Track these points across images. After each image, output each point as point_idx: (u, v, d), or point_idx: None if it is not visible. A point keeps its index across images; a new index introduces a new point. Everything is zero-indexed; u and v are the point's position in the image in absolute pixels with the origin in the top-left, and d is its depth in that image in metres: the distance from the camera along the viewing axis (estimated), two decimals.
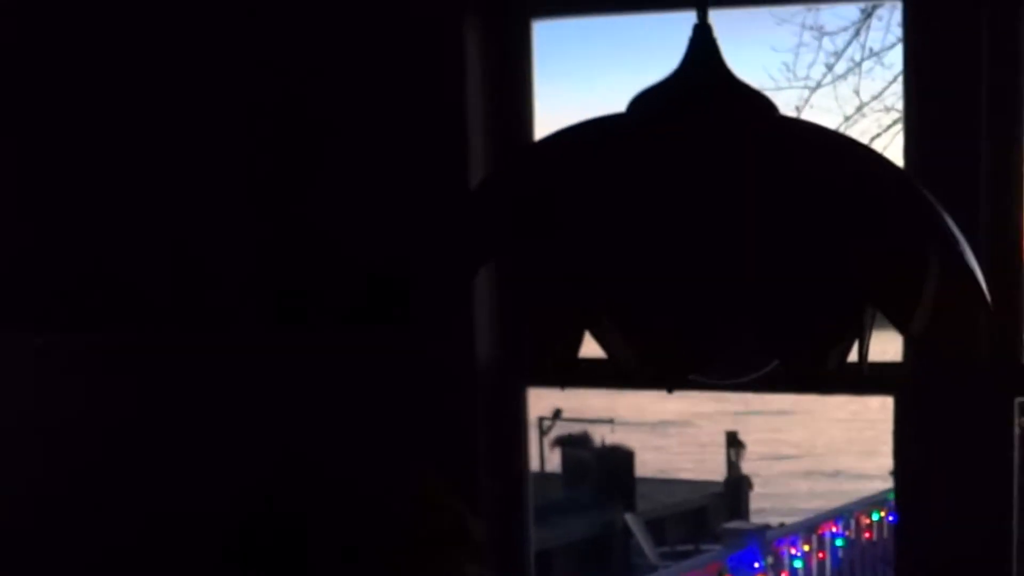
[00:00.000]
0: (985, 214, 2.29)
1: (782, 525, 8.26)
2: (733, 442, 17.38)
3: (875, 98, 10.21)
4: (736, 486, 16.94)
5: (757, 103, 1.07)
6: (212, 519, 2.56)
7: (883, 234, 1.00)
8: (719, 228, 0.96)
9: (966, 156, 2.29)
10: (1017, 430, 2.45)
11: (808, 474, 20.38)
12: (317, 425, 2.61)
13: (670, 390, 0.96)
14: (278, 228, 2.63)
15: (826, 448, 22.65)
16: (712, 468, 19.06)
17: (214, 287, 2.69)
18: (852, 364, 1.19)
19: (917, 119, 2.33)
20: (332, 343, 2.59)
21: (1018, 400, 2.41)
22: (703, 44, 1.08)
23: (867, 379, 2.47)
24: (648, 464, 18.14)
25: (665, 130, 1.03)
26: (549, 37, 2.67)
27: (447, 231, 1.05)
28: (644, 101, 1.09)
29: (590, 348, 1.31)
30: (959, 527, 2.39)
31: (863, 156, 1.06)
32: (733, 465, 17.31)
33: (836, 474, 20.87)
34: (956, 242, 1.04)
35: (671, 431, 20.79)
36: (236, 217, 2.67)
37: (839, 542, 6.15)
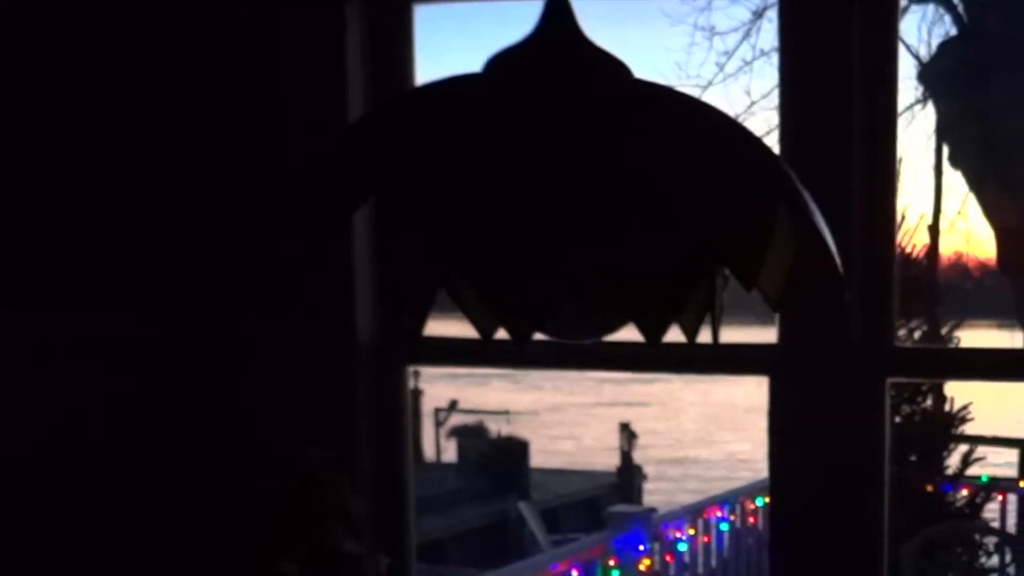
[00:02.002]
0: (859, 199, 2.34)
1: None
2: (626, 432, 17.60)
3: (764, 97, 10.42)
4: (628, 475, 17.16)
5: (610, 64, 1.09)
6: (85, 499, 2.53)
7: (730, 190, 1.02)
8: (569, 184, 0.97)
9: (840, 143, 2.33)
10: (889, 411, 2.50)
11: (662, 462, 20.74)
12: (195, 404, 2.59)
13: (521, 346, 0.97)
14: (155, 208, 2.61)
15: (680, 436, 23.10)
16: (560, 457, 19.41)
17: (90, 270, 2.65)
18: (715, 345, 1.21)
19: (792, 113, 2.38)
20: (211, 323, 2.57)
21: (890, 381, 2.46)
22: (558, 8, 1.09)
23: (742, 360, 2.55)
24: None
25: (518, 89, 1.04)
26: (430, 21, 2.68)
27: (311, 174, 1.05)
28: (499, 62, 1.10)
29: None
30: (832, 507, 2.43)
31: (714, 117, 1.08)
32: (626, 455, 17.54)
33: (683, 461, 21.31)
34: (804, 203, 1.06)
35: (519, 421, 21.04)
36: (113, 197, 2.64)
37: (724, 526, 6.24)
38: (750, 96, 10.17)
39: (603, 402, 24.07)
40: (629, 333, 1.15)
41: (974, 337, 8.80)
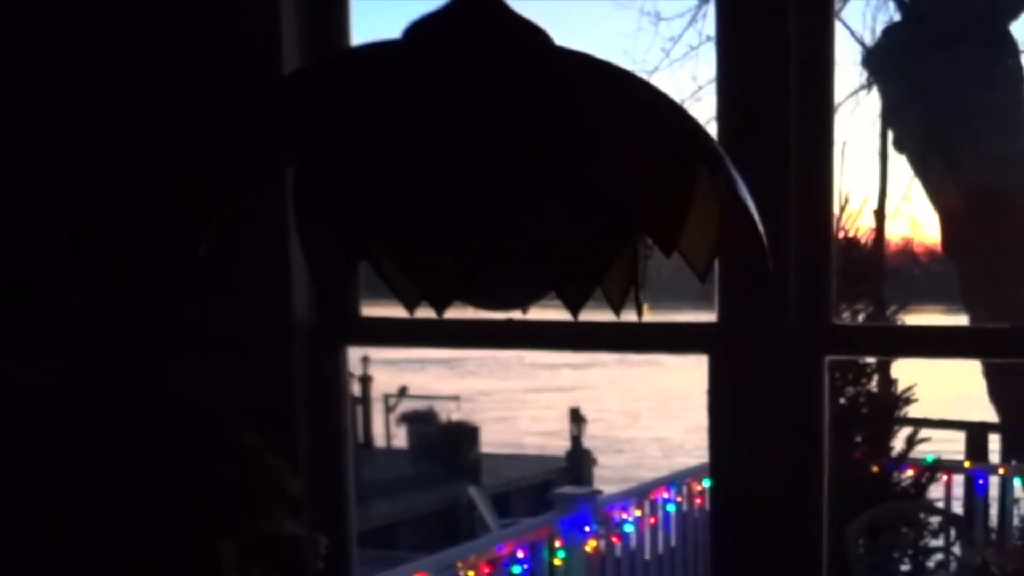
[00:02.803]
0: (796, 177, 2.35)
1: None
2: (575, 418, 17.70)
3: (711, 82, 10.46)
4: (578, 460, 17.26)
5: (528, 31, 1.08)
6: (21, 480, 2.51)
7: (648, 153, 1.01)
8: (489, 152, 0.96)
9: (776, 125, 2.34)
10: (828, 389, 2.51)
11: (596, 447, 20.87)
12: (131, 386, 2.57)
13: (440, 313, 0.96)
14: (91, 185, 2.57)
15: (613, 420, 23.27)
16: (496, 443, 19.54)
17: (25, 247, 2.62)
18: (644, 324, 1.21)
19: (730, 95, 2.38)
20: (146, 305, 2.55)
21: (828, 359, 2.47)
22: None
23: (681, 338, 2.56)
24: None
25: (434, 56, 1.03)
26: None
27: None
28: (419, 29, 1.08)
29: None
30: (773, 485, 2.44)
31: (632, 81, 1.07)
32: (575, 440, 17.64)
33: (617, 444, 21.48)
34: (725, 166, 1.05)
35: (451, 405, 21.16)
36: (47, 173, 2.60)
37: (670, 507, 6.26)
38: (696, 82, 10.22)
39: (540, 388, 24.32)
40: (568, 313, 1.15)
41: (920, 321, 8.87)
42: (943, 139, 8.43)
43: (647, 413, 24.09)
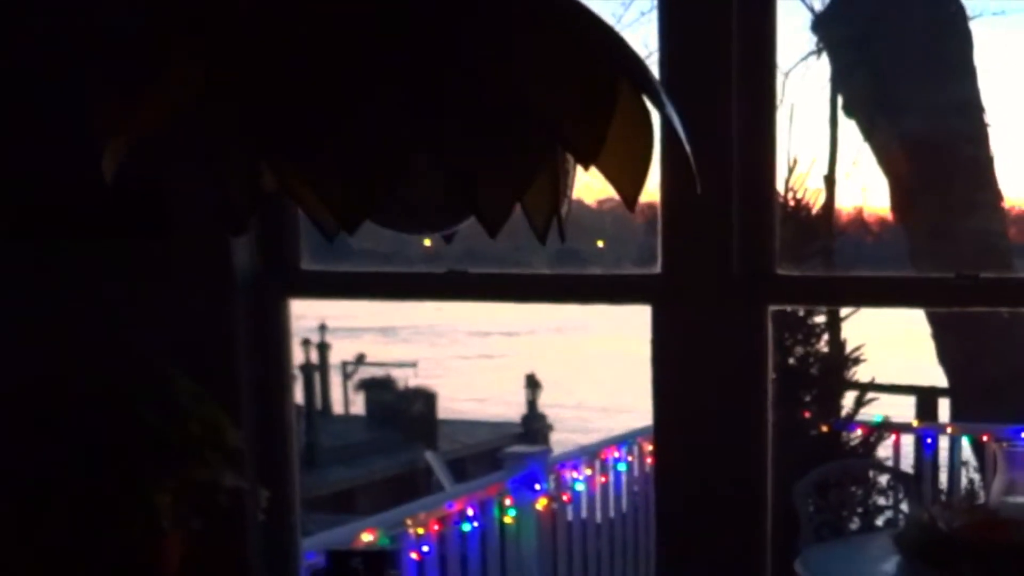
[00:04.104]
0: (739, 126, 2.35)
1: None
2: (531, 383, 17.76)
3: None
4: (533, 425, 17.34)
5: None
6: None
7: (568, 65, 0.98)
8: (398, 62, 0.94)
9: (718, 73, 2.34)
10: (771, 339, 2.51)
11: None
12: (69, 333, 2.54)
13: (351, 232, 0.94)
14: (21, 131, 2.53)
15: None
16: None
17: None
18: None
19: (671, 51, 2.38)
20: (86, 253, 2.51)
21: (772, 308, 2.47)
22: None
23: (624, 288, 2.55)
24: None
25: None
26: None
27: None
28: None
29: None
30: (715, 436, 2.45)
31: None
32: (531, 405, 17.71)
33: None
34: (650, 80, 1.03)
35: (408, 372, 21.21)
36: None
37: (621, 466, 6.25)
38: (648, 48, 10.18)
39: (474, 355, 24.45)
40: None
41: None
42: (889, 94, 8.45)
43: (578, 377, 24.25)
